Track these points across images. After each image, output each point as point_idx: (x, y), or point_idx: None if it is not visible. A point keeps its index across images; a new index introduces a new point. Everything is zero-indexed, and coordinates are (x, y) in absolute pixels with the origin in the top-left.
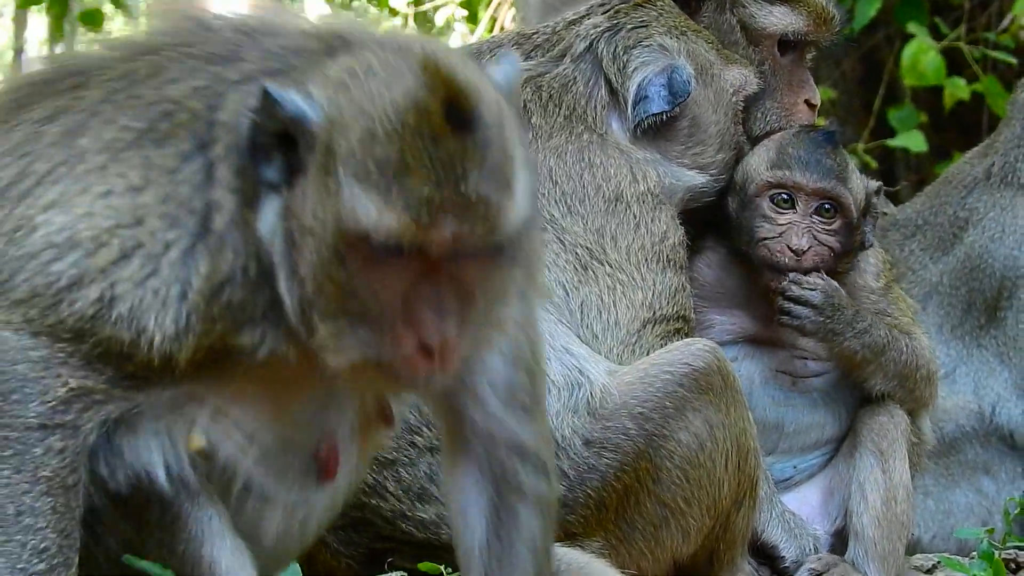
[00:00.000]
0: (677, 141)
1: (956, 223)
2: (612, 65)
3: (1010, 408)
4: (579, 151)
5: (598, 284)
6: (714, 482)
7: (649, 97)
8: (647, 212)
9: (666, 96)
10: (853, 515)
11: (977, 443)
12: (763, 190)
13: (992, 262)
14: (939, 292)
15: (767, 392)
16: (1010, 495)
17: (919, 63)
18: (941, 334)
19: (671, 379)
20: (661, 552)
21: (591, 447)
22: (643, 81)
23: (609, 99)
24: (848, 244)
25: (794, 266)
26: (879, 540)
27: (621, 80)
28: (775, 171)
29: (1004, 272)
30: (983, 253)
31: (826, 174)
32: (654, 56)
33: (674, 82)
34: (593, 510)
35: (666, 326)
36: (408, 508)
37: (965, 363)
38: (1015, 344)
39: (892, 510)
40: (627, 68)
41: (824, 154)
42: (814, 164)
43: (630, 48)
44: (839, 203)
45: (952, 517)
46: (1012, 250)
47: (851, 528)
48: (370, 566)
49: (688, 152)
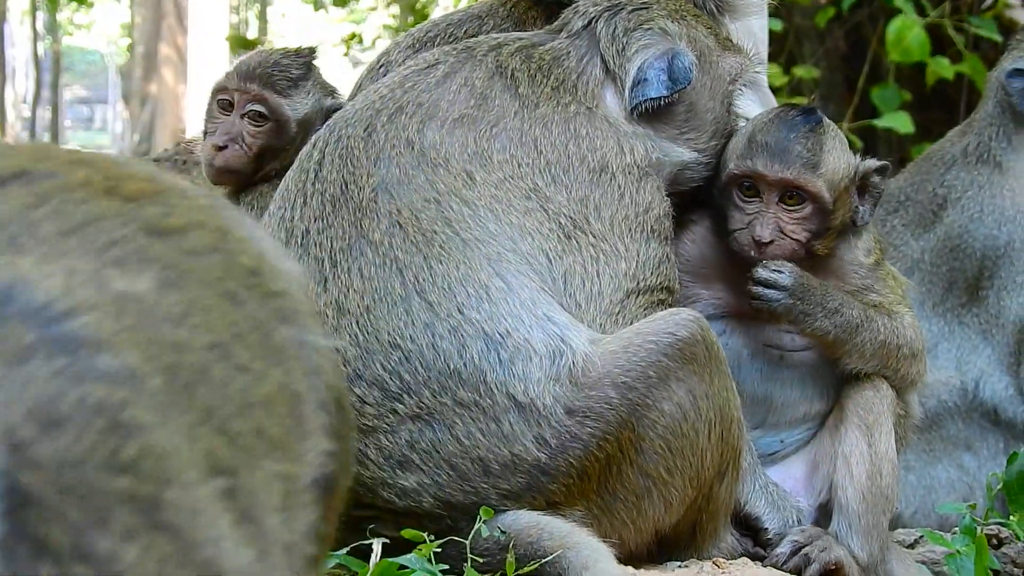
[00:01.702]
0: (672, 125)
1: (935, 200)
2: (611, 46)
3: (994, 383)
4: (565, 121)
5: (582, 254)
6: (697, 452)
7: (648, 80)
8: (632, 183)
9: (665, 81)
10: (838, 488)
11: (959, 419)
12: (732, 181)
13: (972, 242)
14: (920, 269)
15: (755, 366)
16: (991, 471)
17: (904, 38)
18: (923, 311)
19: (655, 348)
20: (643, 522)
21: (573, 416)
22: (643, 64)
23: (603, 78)
24: (822, 228)
25: (760, 257)
26: (863, 514)
27: (619, 62)
28: (741, 161)
29: (984, 252)
30: (963, 233)
31: (790, 163)
32: (655, 39)
33: (675, 68)
34: (575, 479)
35: (650, 296)
36: (389, 476)
37: (947, 339)
38: (997, 322)
39: (877, 484)
40: (627, 50)
41: (795, 139)
42: (779, 152)
43: (630, 30)
44: (804, 191)
45: (934, 492)
46: (991, 230)
47: (835, 501)
48: (351, 534)
49: (682, 137)
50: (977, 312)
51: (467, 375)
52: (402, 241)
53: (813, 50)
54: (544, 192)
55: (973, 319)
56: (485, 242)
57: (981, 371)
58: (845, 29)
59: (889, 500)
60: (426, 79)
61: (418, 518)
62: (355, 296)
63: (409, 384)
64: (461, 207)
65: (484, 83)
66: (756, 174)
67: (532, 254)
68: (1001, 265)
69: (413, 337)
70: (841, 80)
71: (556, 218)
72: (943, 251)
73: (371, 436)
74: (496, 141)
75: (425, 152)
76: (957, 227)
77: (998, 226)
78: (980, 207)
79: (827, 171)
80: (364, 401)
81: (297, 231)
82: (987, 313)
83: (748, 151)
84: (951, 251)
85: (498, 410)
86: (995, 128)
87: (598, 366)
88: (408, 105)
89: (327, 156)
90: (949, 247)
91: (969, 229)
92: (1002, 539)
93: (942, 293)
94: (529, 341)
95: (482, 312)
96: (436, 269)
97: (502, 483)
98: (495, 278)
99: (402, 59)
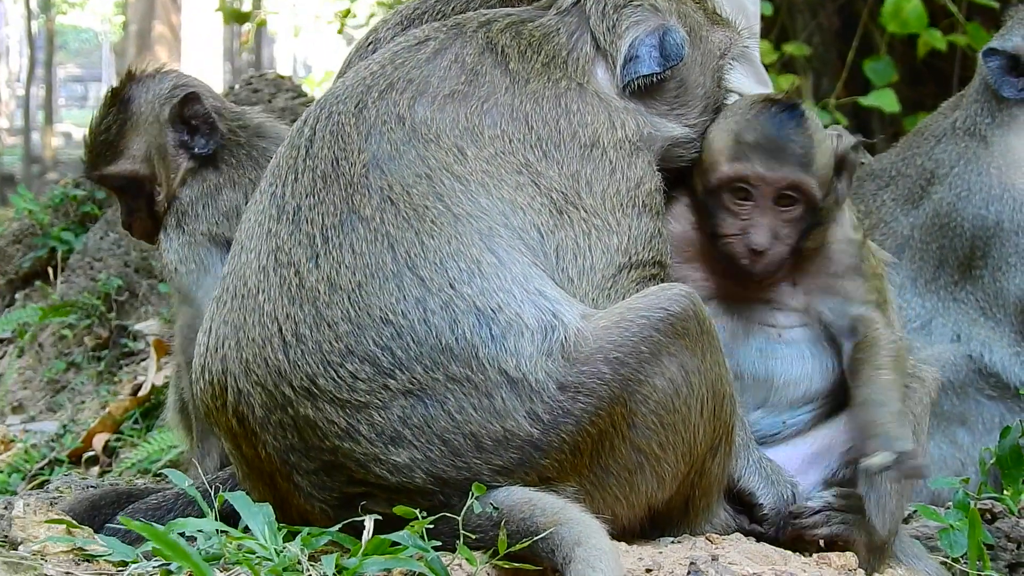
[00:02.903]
0: (663, 101)
1: (923, 175)
2: (601, 23)
3: (1001, 350)
4: (556, 97)
5: (573, 229)
6: (689, 428)
7: (640, 57)
8: (623, 158)
9: (657, 58)
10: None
11: (953, 394)
12: (724, 183)
13: (961, 221)
14: (911, 246)
15: (753, 345)
16: (985, 446)
17: (902, 10)
18: (915, 287)
19: (647, 323)
20: (636, 497)
21: (565, 391)
22: (634, 40)
23: (594, 54)
24: (811, 225)
25: (754, 265)
26: (893, 493)
27: (611, 39)
28: (734, 164)
29: (974, 232)
30: (951, 211)
31: (787, 161)
32: (646, 15)
33: (667, 44)
34: (567, 455)
35: (642, 271)
36: (381, 452)
37: (942, 315)
38: (996, 302)
39: None
40: (617, 27)
41: (786, 137)
42: (775, 151)
43: (621, 7)
44: (801, 190)
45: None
46: (979, 209)
47: (865, 479)
48: (344, 510)
49: (672, 112)
50: (972, 290)
51: (459, 350)
52: (393, 217)
53: (806, 24)
54: (536, 167)
55: (969, 296)
56: (477, 217)
57: (985, 339)
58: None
59: (912, 484)
60: (416, 55)
61: (410, 494)
62: (347, 272)
63: (401, 360)
64: (452, 182)
65: (474, 59)
66: (756, 175)
67: (524, 229)
68: (993, 245)
69: (405, 313)
70: (835, 55)
71: (548, 193)
72: (932, 228)
73: (363, 412)
74: (487, 117)
75: (416, 128)
76: (946, 205)
77: (986, 205)
78: (968, 185)
79: (818, 167)
80: (356, 377)
81: (288, 207)
82: (983, 292)
83: (740, 152)
84: (940, 229)
85: (490, 385)
86: (980, 104)
87: (590, 341)
88: (399, 81)
89: (318, 132)
90: (938, 224)
91: (957, 207)
92: (995, 514)
93: (933, 270)
94: (521, 316)
95: (474, 287)
96: (428, 244)
97: (494, 459)
98: (487, 253)
99: (390, 37)
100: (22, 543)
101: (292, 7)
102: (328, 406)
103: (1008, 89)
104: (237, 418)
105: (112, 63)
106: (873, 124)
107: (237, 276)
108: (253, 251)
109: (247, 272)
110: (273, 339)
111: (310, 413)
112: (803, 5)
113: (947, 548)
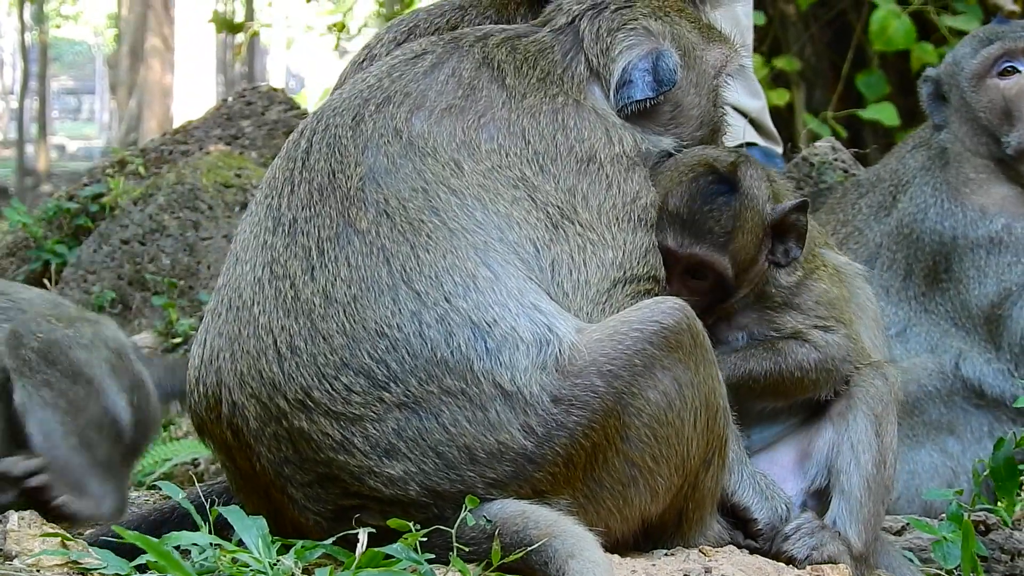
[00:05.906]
0: (658, 123)
1: (894, 179)
2: (595, 45)
3: (974, 359)
4: (553, 112)
5: (569, 243)
6: (683, 441)
7: (633, 82)
8: (620, 173)
9: (651, 83)
10: (842, 475)
11: (940, 403)
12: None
13: (921, 235)
14: (881, 255)
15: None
16: (975, 455)
17: (888, 28)
18: (888, 296)
19: (640, 336)
20: (629, 511)
21: (559, 404)
22: (627, 65)
23: (588, 75)
24: (726, 297)
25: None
26: (866, 502)
27: (603, 62)
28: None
29: (933, 246)
30: (912, 223)
31: (701, 239)
32: (639, 39)
33: (660, 69)
34: (561, 468)
35: (637, 286)
36: (376, 464)
37: (916, 324)
38: (965, 313)
39: (881, 473)
40: (611, 50)
41: (706, 214)
42: (690, 227)
43: (614, 31)
44: (711, 268)
45: (917, 478)
46: (935, 224)
47: (837, 488)
48: (338, 523)
49: (668, 132)
50: (941, 302)
51: (454, 363)
52: (389, 230)
53: (798, 36)
54: (532, 181)
55: (939, 307)
56: (472, 231)
57: (959, 350)
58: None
59: (889, 491)
60: (413, 69)
61: (404, 507)
62: (342, 285)
63: (396, 373)
64: (449, 196)
65: (471, 74)
66: (665, 248)
67: (519, 243)
68: (952, 260)
69: (400, 326)
70: (827, 67)
71: (544, 207)
72: (898, 238)
73: (358, 424)
74: (484, 131)
75: (413, 141)
76: (908, 216)
77: (941, 220)
78: (925, 198)
79: (737, 247)
80: (351, 389)
81: (284, 219)
82: (953, 305)
83: (660, 219)
84: (903, 239)
85: (484, 398)
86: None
87: (584, 354)
88: (396, 95)
89: (315, 145)
90: (903, 235)
91: (917, 219)
92: (989, 525)
93: (902, 280)
94: (516, 330)
95: (469, 301)
96: (423, 258)
97: (488, 471)
98: (482, 267)
99: (385, 52)
100: (16, 556)
101: (285, 20)
102: (323, 418)
103: (937, 115)
104: (231, 430)
105: (105, 75)
106: (866, 136)
107: (232, 288)
108: (248, 262)
109: (242, 284)
110: (268, 351)
111: (304, 425)
112: (795, 17)
113: (941, 560)
